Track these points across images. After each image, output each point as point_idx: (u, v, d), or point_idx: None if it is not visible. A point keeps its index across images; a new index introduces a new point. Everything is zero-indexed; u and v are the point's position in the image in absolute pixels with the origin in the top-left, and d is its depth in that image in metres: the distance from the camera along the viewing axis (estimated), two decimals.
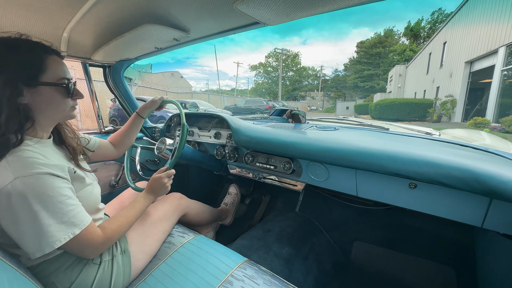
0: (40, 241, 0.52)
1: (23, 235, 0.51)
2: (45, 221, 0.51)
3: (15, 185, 0.49)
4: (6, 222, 0.51)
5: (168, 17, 0.79)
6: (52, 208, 0.53)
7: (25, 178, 0.50)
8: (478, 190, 0.64)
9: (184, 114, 0.97)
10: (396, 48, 31.03)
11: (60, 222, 0.53)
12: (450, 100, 10.95)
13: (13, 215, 0.50)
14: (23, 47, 0.56)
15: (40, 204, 0.51)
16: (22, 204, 0.49)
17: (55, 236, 0.53)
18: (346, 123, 1.54)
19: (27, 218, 0.50)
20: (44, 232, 0.51)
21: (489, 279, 0.97)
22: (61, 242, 0.54)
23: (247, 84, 51.40)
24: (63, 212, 0.54)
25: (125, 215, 0.73)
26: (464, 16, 11.10)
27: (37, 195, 0.51)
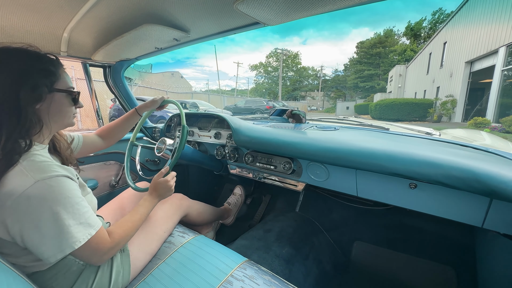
0: (61, 242, 0.52)
1: (44, 238, 0.51)
2: (66, 222, 0.52)
3: (35, 188, 0.50)
4: (27, 226, 0.50)
5: (168, 17, 0.79)
6: (71, 210, 0.54)
7: (45, 181, 0.51)
8: (478, 190, 0.64)
9: (184, 115, 0.97)
10: (396, 48, 31.02)
11: (78, 223, 0.55)
12: (450, 100, 10.95)
13: (34, 218, 0.50)
14: (44, 57, 0.60)
15: (60, 206, 0.52)
16: (43, 207, 0.50)
17: (75, 236, 0.54)
18: (346, 123, 1.54)
19: (48, 220, 0.51)
20: (65, 233, 0.52)
21: (489, 279, 0.97)
22: (81, 242, 0.55)
23: (247, 84, 51.47)
24: (80, 213, 0.55)
25: (130, 220, 0.73)
26: (464, 16, 11.10)
27: (56, 197, 0.52)
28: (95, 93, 1.49)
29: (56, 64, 0.63)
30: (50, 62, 0.61)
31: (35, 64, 0.58)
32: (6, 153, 0.51)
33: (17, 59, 0.56)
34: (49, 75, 0.59)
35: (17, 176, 0.50)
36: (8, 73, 0.54)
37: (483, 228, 0.74)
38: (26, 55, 0.58)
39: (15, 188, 0.49)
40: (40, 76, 0.58)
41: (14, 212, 0.50)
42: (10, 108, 0.53)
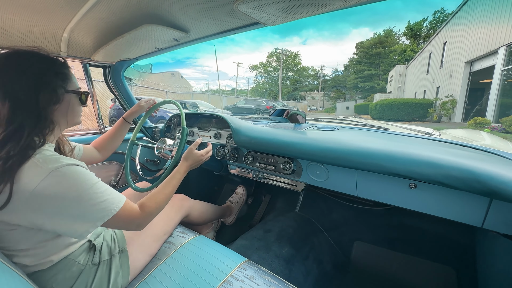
0: (92, 217, 0.56)
1: (72, 219, 0.55)
2: (89, 202, 0.55)
3: (51, 177, 0.52)
4: (51, 213, 0.53)
5: (168, 17, 0.79)
6: (91, 190, 0.56)
7: (58, 170, 0.53)
8: (478, 190, 0.64)
9: (184, 116, 0.97)
10: (396, 48, 31.03)
11: (104, 199, 0.58)
12: (450, 100, 10.95)
13: (56, 205, 0.53)
14: (57, 61, 0.65)
15: (80, 189, 0.55)
16: (62, 193, 0.53)
17: (104, 210, 0.57)
18: (346, 123, 1.54)
19: (71, 204, 0.54)
20: (94, 209, 0.56)
21: (489, 279, 0.97)
22: (110, 214, 0.58)
23: (247, 84, 51.43)
24: (102, 191, 0.58)
25: (163, 192, 0.75)
26: (464, 16, 11.10)
27: (74, 181, 0.54)
28: (95, 93, 1.49)
29: (67, 66, 0.67)
30: (63, 65, 0.66)
31: (51, 68, 0.62)
32: (22, 149, 0.53)
33: (35, 63, 0.59)
34: (64, 78, 0.64)
35: (31, 168, 0.52)
36: (28, 77, 0.57)
37: (483, 228, 0.74)
38: (41, 59, 0.61)
39: (31, 180, 0.51)
40: (57, 79, 0.62)
41: (35, 204, 0.52)
42: (31, 109, 0.57)
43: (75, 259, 0.66)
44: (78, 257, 0.67)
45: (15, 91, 0.55)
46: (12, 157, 0.51)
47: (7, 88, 0.54)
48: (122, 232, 0.82)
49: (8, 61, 0.57)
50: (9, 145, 0.52)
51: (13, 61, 0.57)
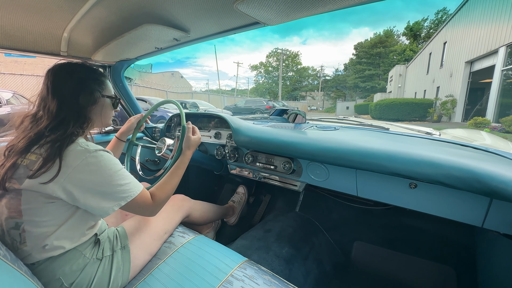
0: (117, 197, 0.65)
1: (104, 195, 0.64)
2: (118, 181, 0.65)
3: (91, 157, 0.62)
4: (87, 188, 0.62)
5: (168, 17, 0.79)
6: (120, 172, 0.67)
7: (97, 152, 0.64)
8: (479, 190, 0.64)
9: (184, 115, 0.97)
10: (396, 48, 31.02)
11: (128, 182, 0.67)
12: (450, 100, 10.95)
13: (93, 179, 0.62)
14: (97, 70, 0.78)
15: (112, 169, 0.65)
16: (99, 170, 0.63)
17: (127, 192, 0.66)
18: (346, 123, 1.54)
19: (105, 181, 0.63)
20: (119, 190, 0.65)
21: (489, 279, 0.97)
22: (131, 197, 0.67)
23: (247, 84, 51.44)
24: (126, 175, 0.68)
25: (169, 182, 0.82)
26: (464, 16, 11.10)
27: (108, 163, 0.65)
28: None
29: (105, 75, 0.81)
30: (101, 74, 0.79)
31: (91, 75, 0.75)
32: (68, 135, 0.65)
33: (79, 71, 0.73)
34: (100, 84, 0.77)
35: (75, 149, 0.63)
36: (73, 81, 0.70)
37: (483, 228, 0.74)
38: (85, 68, 0.75)
39: (75, 158, 0.61)
40: (95, 84, 0.75)
41: (76, 177, 0.61)
42: (73, 106, 0.69)
43: (83, 251, 0.69)
44: (85, 249, 0.70)
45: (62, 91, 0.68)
46: (60, 140, 0.62)
47: (56, 88, 0.68)
48: (124, 229, 0.83)
49: (61, 68, 0.71)
50: (58, 132, 0.64)
51: (64, 68, 0.71)
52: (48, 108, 0.67)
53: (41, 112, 0.67)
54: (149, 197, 0.73)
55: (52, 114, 0.66)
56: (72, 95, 0.69)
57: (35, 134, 0.63)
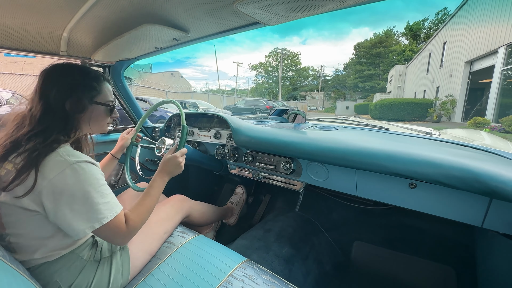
0: (91, 218, 0.59)
1: (76, 213, 0.58)
2: (96, 200, 0.59)
3: (70, 169, 0.57)
4: (61, 204, 0.56)
5: (168, 17, 0.79)
6: (99, 190, 0.60)
7: (78, 164, 0.59)
8: (478, 190, 0.64)
9: (184, 115, 0.97)
10: (396, 48, 31.03)
11: (106, 201, 0.61)
12: (450, 100, 10.95)
13: (68, 196, 0.57)
14: (90, 74, 0.72)
15: (91, 186, 0.59)
16: (76, 185, 0.57)
17: (103, 213, 0.60)
18: (346, 123, 1.54)
19: (81, 198, 0.57)
20: (95, 209, 0.59)
21: (489, 279, 0.97)
22: (108, 219, 0.60)
23: (247, 84, 51.41)
24: (106, 194, 0.62)
25: (143, 204, 0.73)
26: (464, 16, 11.09)
27: (88, 178, 0.59)
28: None
29: (100, 80, 0.74)
30: (95, 78, 0.72)
31: (82, 80, 0.69)
32: (48, 143, 0.60)
33: (70, 75, 0.68)
34: (91, 90, 0.70)
35: (54, 159, 0.58)
36: (60, 86, 0.65)
37: (483, 228, 0.74)
38: (78, 71, 0.70)
39: (52, 169, 0.56)
40: (85, 90, 0.69)
41: (51, 190, 0.56)
42: (59, 114, 0.64)
43: (80, 253, 0.68)
44: (82, 251, 0.69)
45: (48, 96, 0.63)
46: (38, 149, 0.57)
47: (44, 92, 0.63)
48: None
49: (53, 70, 0.66)
50: (37, 140, 0.58)
51: (56, 70, 0.67)
52: (33, 112, 0.62)
53: (27, 115, 0.63)
54: (124, 221, 0.66)
55: (35, 119, 0.61)
56: (57, 101, 0.64)
57: (12, 141, 0.59)
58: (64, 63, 0.69)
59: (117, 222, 0.63)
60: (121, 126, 1.65)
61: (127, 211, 0.69)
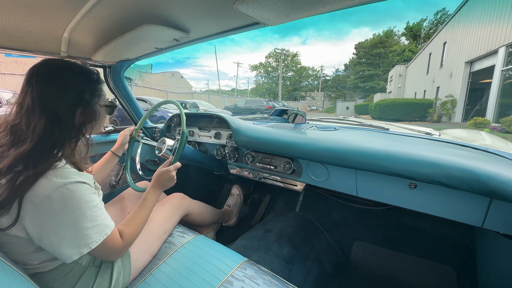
0: (79, 243, 0.55)
1: (63, 239, 0.54)
2: (84, 224, 0.55)
3: (57, 193, 0.52)
4: (46, 229, 0.53)
5: (168, 17, 0.79)
6: (89, 213, 0.57)
7: (66, 186, 0.54)
8: (478, 190, 0.64)
9: (185, 120, 0.96)
10: (396, 48, 31.04)
11: (95, 225, 0.58)
12: (450, 100, 10.95)
13: (54, 221, 0.53)
14: (92, 77, 0.68)
15: (79, 210, 0.55)
16: (63, 211, 0.53)
17: (92, 237, 0.57)
18: (346, 123, 1.54)
19: (68, 224, 0.54)
20: (83, 235, 0.56)
21: (489, 279, 0.97)
22: (97, 243, 0.58)
23: (247, 84, 51.44)
24: (96, 216, 0.58)
25: (138, 216, 0.74)
26: (464, 16, 11.10)
27: (77, 201, 0.55)
28: None
29: (100, 80, 0.71)
30: (98, 82, 0.69)
31: (87, 84, 0.65)
32: (47, 163, 0.54)
33: (71, 79, 0.62)
34: (96, 92, 0.68)
35: (40, 182, 0.52)
36: (66, 95, 0.59)
37: (483, 228, 0.74)
38: (77, 73, 0.64)
39: (37, 192, 0.52)
40: (91, 95, 0.66)
41: (35, 215, 0.52)
42: (67, 126, 0.59)
43: (78, 260, 0.65)
44: (81, 258, 0.67)
45: (54, 107, 0.57)
46: (30, 174, 0.51)
47: (46, 102, 0.56)
48: None
49: (49, 74, 0.59)
50: (31, 161, 0.52)
51: (52, 74, 0.59)
52: (34, 128, 0.54)
53: (22, 129, 0.54)
54: (119, 236, 0.64)
55: (36, 135, 0.54)
56: (67, 112, 0.59)
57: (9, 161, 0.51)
58: (58, 65, 0.62)
59: (110, 240, 0.61)
60: (121, 126, 1.65)
61: (121, 226, 0.68)
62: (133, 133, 1.15)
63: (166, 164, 0.89)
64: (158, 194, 0.83)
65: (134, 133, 1.16)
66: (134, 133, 1.16)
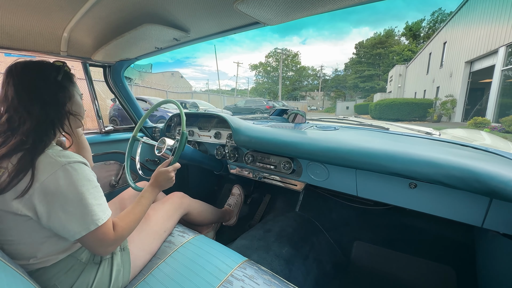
0: (86, 219, 0.58)
1: (71, 215, 0.57)
2: (89, 201, 0.58)
3: (62, 170, 0.56)
4: (54, 206, 0.56)
5: (168, 17, 0.79)
6: (93, 191, 0.60)
7: (71, 165, 0.57)
8: (478, 190, 0.64)
9: (185, 120, 0.96)
10: (396, 48, 31.04)
11: (99, 203, 0.61)
12: (450, 100, 10.95)
13: (61, 198, 0.56)
14: (63, 67, 0.69)
15: (84, 187, 0.58)
16: (70, 187, 0.56)
17: (98, 214, 0.59)
18: (346, 123, 1.54)
19: (74, 200, 0.57)
20: (89, 210, 0.58)
21: (489, 279, 0.97)
22: (103, 220, 0.60)
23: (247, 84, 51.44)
24: (99, 196, 0.62)
25: (133, 212, 0.73)
26: (464, 16, 11.09)
27: (81, 179, 0.58)
28: (95, 93, 1.48)
29: (73, 80, 0.73)
30: (70, 79, 0.71)
31: (68, 76, 0.69)
32: (41, 145, 0.59)
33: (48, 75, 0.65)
34: (73, 83, 0.72)
35: (44, 161, 0.56)
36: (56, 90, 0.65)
37: (483, 228, 0.74)
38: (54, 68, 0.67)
39: (43, 171, 0.55)
40: (73, 86, 0.71)
41: (43, 192, 0.55)
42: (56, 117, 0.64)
43: (78, 257, 0.67)
44: (81, 255, 0.68)
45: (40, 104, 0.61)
46: (31, 152, 0.56)
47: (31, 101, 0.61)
48: None
49: (33, 72, 0.64)
50: (28, 144, 0.57)
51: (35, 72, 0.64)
52: (24, 126, 0.58)
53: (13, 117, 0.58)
54: (112, 227, 0.64)
55: (28, 130, 0.58)
56: (58, 107, 0.64)
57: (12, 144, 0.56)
58: (33, 65, 0.65)
59: (106, 227, 0.61)
60: (121, 126, 1.65)
61: (115, 219, 0.68)
62: (134, 131, 1.15)
63: (166, 164, 0.89)
64: (155, 193, 0.83)
65: (135, 131, 1.16)
66: (135, 131, 1.16)
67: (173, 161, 0.91)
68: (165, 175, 0.85)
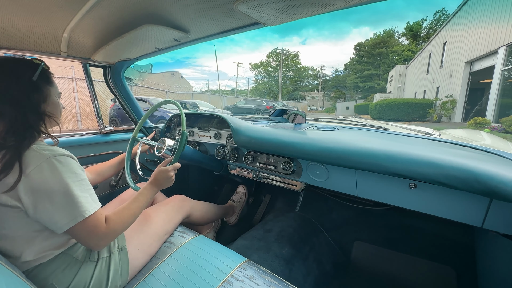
0: (73, 211, 0.58)
1: (57, 207, 0.57)
2: (75, 193, 0.59)
3: (47, 162, 0.57)
4: (40, 198, 0.56)
5: (168, 17, 0.79)
6: (79, 183, 0.60)
7: (56, 157, 0.58)
8: (478, 190, 0.64)
9: (185, 120, 0.96)
10: (396, 48, 31.05)
11: (86, 195, 0.61)
12: (450, 100, 10.95)
13: (47, 190, 0.56)
14: (41, 64, 0.68)
15: (69, 178, 0.59)
16: (55, 179, 0.57)
17: (84, 206, 0.59)
18: (346, 123, 1.54)
19: (60, 191, 0.57)
20: (76, 202, 0.58)
21: (489, 279, 0.97)
22: (90, 212, 0.60)
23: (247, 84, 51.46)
24: (86, 188, 0.62)
25: (128, 208, 0.72)
26: (464, 16, 11.10)
27: (66, 171, 0.59)
28: (95, 93, 1.49)
29: (51, 77, 0.72)
30: (49, 77, 0.71)
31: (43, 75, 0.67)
32: (26, 138, 0.59)
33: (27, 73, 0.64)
34: (50, 81, 0.70)
35: (29, 154, 0.57)
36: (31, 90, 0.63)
37: (483, 228, 0.74)
38: (31, 67, 0.65)
39: (28, 164, 0.56)
40: (47, 85, 0.68)
41: (28, 185, 0.55)
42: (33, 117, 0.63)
43: (73, 254, 0.67)
44: (76, 252, 0.68)
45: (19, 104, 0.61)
46: (17, 147, 0.57)
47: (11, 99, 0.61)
48: None
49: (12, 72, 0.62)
50: (13, 140, 0.57)
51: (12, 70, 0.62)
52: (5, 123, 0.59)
53: None
54: (104, 221, 0.64)
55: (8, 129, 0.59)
56: (35, 106, 0.63)
57: None
58: (16, 57, 0.65)
59: (96, 219, 0.61)
60: (121, 126, 1.65)
61: (108, 213, 0.67)
62: (134, 132, 1.16)
63: (166, 163, 0.89)
64: (154, 192, 0.82)
65: (134, 133, 1.16)
66: (134, 132, 1.16)
67: (173, 161, 0.91)
68: (165, 174, 0.84)
